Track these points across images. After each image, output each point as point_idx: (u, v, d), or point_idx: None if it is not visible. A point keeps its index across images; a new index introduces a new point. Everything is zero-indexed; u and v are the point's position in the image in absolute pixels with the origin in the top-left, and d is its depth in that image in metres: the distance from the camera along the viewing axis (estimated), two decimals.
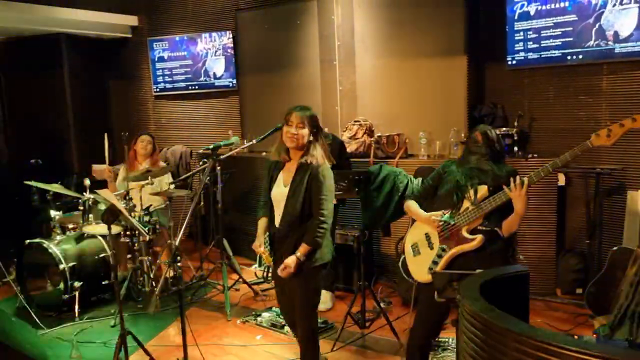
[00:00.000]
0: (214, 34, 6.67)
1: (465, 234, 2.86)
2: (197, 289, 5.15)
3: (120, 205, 3.04)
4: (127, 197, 4.67)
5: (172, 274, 5.18)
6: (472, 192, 2.86)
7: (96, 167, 6.71)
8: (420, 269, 3.01)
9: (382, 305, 4.51)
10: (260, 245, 3.12)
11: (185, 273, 5.39)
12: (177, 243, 2.84)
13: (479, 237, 2.82)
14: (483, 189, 2.83)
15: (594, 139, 2.75)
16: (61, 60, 6.76)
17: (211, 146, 3.04)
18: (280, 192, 3.09)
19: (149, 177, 4.84)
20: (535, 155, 4.75)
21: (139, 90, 7.32)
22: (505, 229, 2.82)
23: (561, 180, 4.72)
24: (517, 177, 2.75)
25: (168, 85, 7.08)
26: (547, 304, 4.56)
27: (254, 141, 3.97)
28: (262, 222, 3.19)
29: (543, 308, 4.51)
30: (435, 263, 2.93)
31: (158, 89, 7.15)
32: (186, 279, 5.32)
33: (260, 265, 5.71)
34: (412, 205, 3.12)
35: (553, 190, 4.67)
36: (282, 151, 3.09)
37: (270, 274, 5.37)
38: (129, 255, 5.02)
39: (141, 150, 5.39)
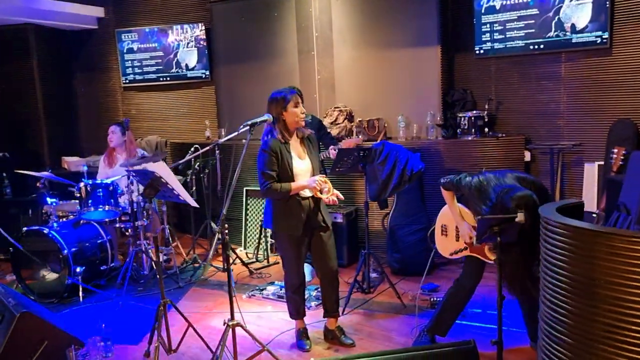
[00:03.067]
0: (185, 25, 6.79)
1: (487, 251, 3.22)
2: (195, 270, 5.30)
3: (175, 179, 3.20)
4: (129, 181, 4.76)
5: (163, 257, 5.38)
6: None
7: (68, 160, 6.67)
8: (443, 247, 3.58)
9: (375, 275, 4.91)
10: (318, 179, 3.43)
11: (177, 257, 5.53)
12: (224, 211, 3.04)
13: (495, 258, 3.13)
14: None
15: None
16: (29, 51, 6.64)
17: (249, 122, 3.27)
18: (303, 166, 3.53)
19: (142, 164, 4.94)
20: (504, 134, 5.30)
21: (107, 82, 7.29)
22: None
23: (527, 156, 5.29)
24: None
25: (138, 77, 7.11)
26: None
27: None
28: (295, 183, 3.46)
29: None
30: (455, 252, 3.37)
31: (127, 81, 7.16)
32: (178, 263, 5.45)
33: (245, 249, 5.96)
34: (450, 198, 3.40)
35: (520, 165, 5.23)
36: (288, 133, 3.47)
37: (259, 255, 5.65)
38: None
39: (109, 142, 5.45)
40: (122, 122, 5.37)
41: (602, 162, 4.88)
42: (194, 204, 3.41)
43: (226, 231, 3.09)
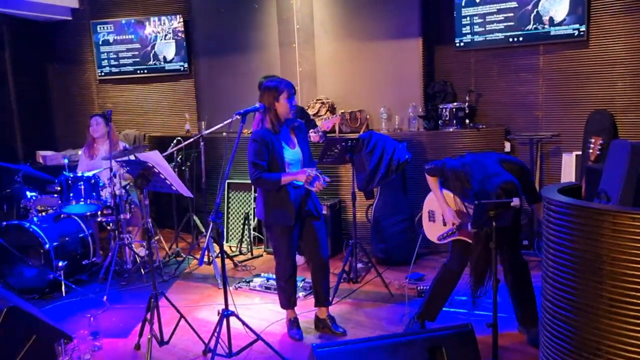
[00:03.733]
0: (163, 17, 6.70)
1: (470, 229, 3.28)
2: (179, 264, 5.24)
3: (169, 168, 3.16)
4: (112, 174, 4.69)
5: (144, 252, 5.32)
6: None
7: (43, 154, 6.52)
8: (431, 232, 3.61)
9: (360, 265, 4.95)
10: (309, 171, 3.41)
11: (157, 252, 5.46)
12: (219, 200, 3.03)
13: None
14: None
15: None
16: (2, 43, 6.45)
17: (241, 111, 3.25)
18: (294, 155, 3.54)
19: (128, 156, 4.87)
20: (484, 126, 5.39)
21: (82, 75, 7.14)
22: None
23: (507, 147, 5.40)
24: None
25: (114, 69, 6.99)
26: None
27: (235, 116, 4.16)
28: (286, 173, 3.44)
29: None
30: (443, 237, 3.48)
31: (103, 73, 7.02)
32: (161, 257, 5.39)
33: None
34: (435, 184, 3.45)
35: None
36: (279, 123, 3.48)
37: (242, 249, 5.63)
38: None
39: (93, 133, 5.36)
40: (104, 113, 5.28)
41: (580, 152, 5.01)
42: (188, 193, 3.38)
43: (220, 220, 3.09)
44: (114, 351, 3.62)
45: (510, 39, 5.28)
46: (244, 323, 3.33)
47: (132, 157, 3.49)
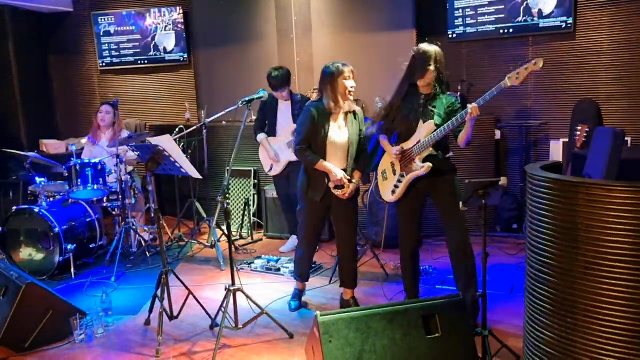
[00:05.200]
0: (163, 9, 6.85)
1: (417, 162, 3.47)
2: (182, 248, 5.44)
3: (179, 151, 3.34)
4: (119, 160, 4.86)
5: (148, 236, 5.49)
6: (421, 129, 3.44)
7: (47, 142, 6.67)
8: (387, 191, 3.72)
9: (358, 247, 5.15)
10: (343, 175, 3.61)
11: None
12: (226, 182, 3.22)
13: (427, 165, 3.43)
14: (430, 126, 3.41)
15: (507, 81, 3.31)
16: (6, 34, 6.58)
17: (246, 98, 3.45)
18: (340, 136, 3.67)
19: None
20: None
21: (84, 65, 7.29)
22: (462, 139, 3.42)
23: (497, 135, 5.61)
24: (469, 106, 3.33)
25: (115, 60, 7.13)
26: (491, 238, 5.44)
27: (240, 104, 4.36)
28: (326, 162, 3.61)
29: (489, 241, 5.36)
30: (396, 187, 3.60)
31: (104, 64, 7.17)
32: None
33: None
34: (382, 139, 3.71)
35: (491, 143, 5.56)
36: (337, 104, 3.62)
37: (242, 233, 5.83)
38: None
39: (102, 121, 5.54)
40: (112, 102, 5.45)
41: (567, 139, 5.23)
42: (197, 175, 3.57)
43: (227, 201, 3.29)
44: (125, 327, 3.82)
45: (501, 31, 5.48)
46: (249, 297, 3.54)
47: (145, 142, 3.67)
